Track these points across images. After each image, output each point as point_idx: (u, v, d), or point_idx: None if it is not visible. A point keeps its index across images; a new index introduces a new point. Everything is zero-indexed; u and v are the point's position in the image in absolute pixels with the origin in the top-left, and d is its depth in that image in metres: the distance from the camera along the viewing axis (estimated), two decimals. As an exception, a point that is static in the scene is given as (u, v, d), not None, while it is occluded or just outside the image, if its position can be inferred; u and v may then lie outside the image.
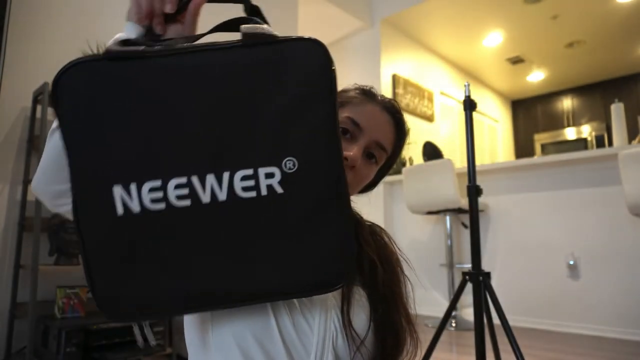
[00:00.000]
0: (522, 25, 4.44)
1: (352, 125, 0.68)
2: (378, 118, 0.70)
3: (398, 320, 0.66)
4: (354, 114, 0.69)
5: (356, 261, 0.64)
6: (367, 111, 0.70)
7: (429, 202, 3.03)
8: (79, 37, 2.18)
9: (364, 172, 0.70)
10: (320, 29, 4.26)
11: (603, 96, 5.82)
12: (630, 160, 2.19)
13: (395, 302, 0.67)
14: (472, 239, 1.51)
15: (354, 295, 0.64)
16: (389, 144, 0.72)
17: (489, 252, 3.23)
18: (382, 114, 0.71)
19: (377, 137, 0.69)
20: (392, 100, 0.74)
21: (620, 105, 3.10)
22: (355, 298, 0.64)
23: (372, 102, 0.71)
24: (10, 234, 1.91)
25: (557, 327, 2.88)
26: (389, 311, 0.66)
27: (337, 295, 0.63)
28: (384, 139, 0.71)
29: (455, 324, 2.95)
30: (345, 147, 0.65)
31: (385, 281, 0.67)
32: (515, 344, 1.33)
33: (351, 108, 0.70)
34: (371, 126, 0.69)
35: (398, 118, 0.73)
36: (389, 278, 0.69)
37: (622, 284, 2.67)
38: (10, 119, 1.95)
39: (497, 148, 6.09)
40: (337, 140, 0.50)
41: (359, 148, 0.67)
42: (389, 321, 0.65)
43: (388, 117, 0.72)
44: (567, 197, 2.94)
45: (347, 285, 0.64)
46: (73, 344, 1.61)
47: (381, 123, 0.71)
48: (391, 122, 0.72)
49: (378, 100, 0.72)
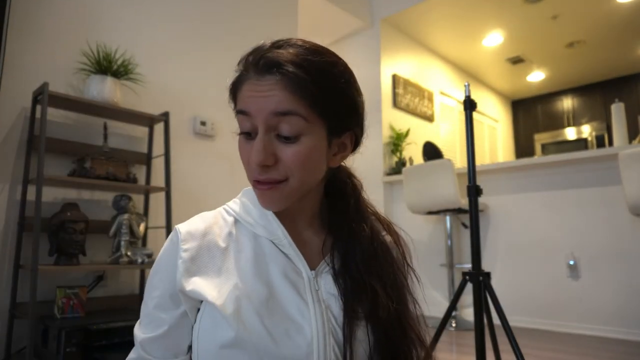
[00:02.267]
0: (522, 25, 4.44)
1: (246, 120, 0.57)
2: (259, 90, 0.55)
3: (407, 346, 0.62)
4: (239, 104, 0.58)
5: (356, 293, 0.61)
6: (246, 89, 0.57)
7: (429, 202, 3.03)
8: (79, 37, 2.18)
9: (291, 158, 0.56)
10: (320, 29, 4.26)
11: (603, 96, 5.82)
12: (630, 160, 2.19)
13: (403, 329, 0.62)
14: (472, 239, 1.51)
15: (355, 333, 0.59)
16: (294, 101, 0.55)
17: (489, 252, 3.23)
18: (260, 82, 0.55)
19: (270, 109, 0.55)
20: (264, 52, 0.57)
21: (620, 105, 3.10)
22: (357, 335, 0.59)
23: (248, 72, 0.57)
24: (10, 234, 1.91)
25: (557, 327, 2.88)
26: (394, 341, 0.60)
27: (332, 304, 0.60)
28: (280, 103, 0.54)
29: (455, 324, 2.95)
30: (251, 151, 0.57)
31: (392, 312, 0.61)
32: (515, 344, 1.33)
33: (238, 95, 0.59)
34: (257, 104, 0.55)
35: (284, 70, 0.55)
36: (394, 303, 0.62)
37: (622, 284, 2.67)
38: (10, 119, 1.95)
39: (497, 148, 6.08)
40: None
41: (258, 141, 0.56)
42: (394, 352, 0.60)
43: (271, 78, 0.55)
44: (568, 197, 2.94)
45: (348, 323, 0.59)
46: (73, 344, 1.61)
47: (266, 92, 0.55)
48: (279, 81, 0.55)
49: (250, 67, 0.57)
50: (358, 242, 0.64)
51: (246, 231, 0.64)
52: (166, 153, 2.24)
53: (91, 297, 2.03)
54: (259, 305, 0.57)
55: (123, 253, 1.98)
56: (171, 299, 0.60)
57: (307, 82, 0.55)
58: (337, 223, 0.66)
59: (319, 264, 0.64)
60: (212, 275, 0.59)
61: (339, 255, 0.64)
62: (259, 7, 3.12)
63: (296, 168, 0.57)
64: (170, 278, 0.60)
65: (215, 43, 2.80)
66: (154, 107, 2.37)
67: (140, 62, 2.34)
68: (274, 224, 0.63)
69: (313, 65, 0.56)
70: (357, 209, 0.68)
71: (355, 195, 0.69)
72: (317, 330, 0.57)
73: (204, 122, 2.66)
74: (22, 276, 1.88)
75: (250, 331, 0.54)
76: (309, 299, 0.59)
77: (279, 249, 0.63)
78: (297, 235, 0.65)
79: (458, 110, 5.22)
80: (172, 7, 2.61)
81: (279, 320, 0.57)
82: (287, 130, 0.56)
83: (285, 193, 0.59)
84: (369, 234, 0.65)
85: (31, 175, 1.91)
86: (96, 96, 2.02)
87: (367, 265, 0.63)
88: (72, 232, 1.84)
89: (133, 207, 2.09)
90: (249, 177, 0.60)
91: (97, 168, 1.98)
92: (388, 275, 0.64)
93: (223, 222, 0.65)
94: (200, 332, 0.58)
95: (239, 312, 0.55)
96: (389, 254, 0.67)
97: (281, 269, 0.61)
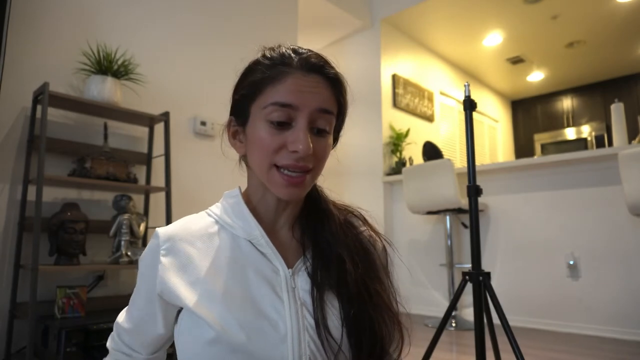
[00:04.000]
0: (522, 25, 4.44)
1: (283, 111, 0.60)
2: (306, 86, 0.61)
3: (377, 319, 0.62)
4: (278, 96, 0.60)
5: (324, 260, 0.64)
6: (291, 84, 0.60)
7: (429, 202, 3.03)
8: (79, 37, 2.18)
9: (322, 151, 0.63)
10: (320, 29, 4.26)
11: (603, 96, 5.82)
12: (630, 160, 2.19)
13: (372, 300, 0.63)
14: (472, 239, 1.51)
15: (325, 300, 0.62)
16: (332, 103, 0.63)
17: (489, 252, 3.23)
18: (307, 78, 0.61)
19: (316, 105, 0.61)
20: (309, 54, 0.63)
21: (620, 105, 3.10)
22: (327, 301, 0.62)
23: (291, 69, 0.61)
24: (10, 234, 1.91)
25: (557, 327, 2.88)
26: (363, 311, 0.61)
27: (308, 301, 0.62)
28: (324, 102, 0.61)
29: (455, 324, 2.95)
30: (288, 138, 0.60)
31: (358, 278, 0.63)
32: (515, 344, 1.33)
33: (272, 89, 0.61)
34: (304, 99, 0.60)
35: (326, 71, 0.63)
36: (362, 274, 0.64)
37: (622, 284, 2.67)
38: (10, 119, 1.95)
39: (497, 148, 6.09)
40: None
41: (304, 132, 0.59)
42: (363, 322, 0.61)
43: (316, 77, 0.62)
44: (567, 197, 2.94)
45: (318, 289, 0.62)
46: (73, 344, 1.61)
47: (312, 89, 0.61)
48: (322, 81, 0.62)
49: (295, 63, 0.62)
50: (327, 220, 0.69)
51: (226, 233, 0.67)
52: (166, 153, 2.24)
53: (91, 297, 2.03)
54: (234, 304, 0.59)
55: (123, 253, 1.98)
56: (148, 299, 0.66)
57: (341, 86, 0.65)
58: (311, 212, 0.71)
59: (296, 262, 0.66)
60: (190, 278, 0.62)
61: (310, 239, 0.68)
62: (259, 8, 3.12)
63: (321, 160, 0.64)
64: (150, 281, 0.65)
65: (215, 43, 2.80)
66: (154, 107, 2.37)
67: (140, 62, 2.34)
68: (252, 224, 0.66)
69: (340, 74, 0.66)
70: (323, 198, 0.74)
71: (321, 192, 0.75)
72: (291, 326, 0.59)
73: (204, 122, 2.66)
74: (22, 276, 1.88)
75: (226, 330, 0.57)
76: (285, 297, 0.61)
77: (257, 249, 0.65)
78: (275, 235, 0.68)
79: (458, 110, 5.22)
80: (172, 7, 2.61)
81: (252, 318, 0.58)
82: (324, 125, 0.63)
83: (308, 182, 0.63)
84: (335, 213, 0.70)
85: (31, 175, 1.91)
86: (96, 96, 2.02)
87: (335, 236, 0.66)
88: (72, 232, 1.84)
89: (133, 207, 2.09)
90: (274, 162, 0.61)
91: (97, 168, 1.98)
92: (355, 245, 0.68)
93: (204, 225, 0.68)
94: (182, 332, 0.62)
95: (215, 312, 0.58)
96: (358, 225, 0.73)
97: (257, 268, 0.63)
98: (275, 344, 0.57)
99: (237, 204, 0.68)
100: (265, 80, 0.62)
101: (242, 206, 0.67)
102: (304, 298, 0.62)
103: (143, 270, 0.66)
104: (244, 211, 0.67)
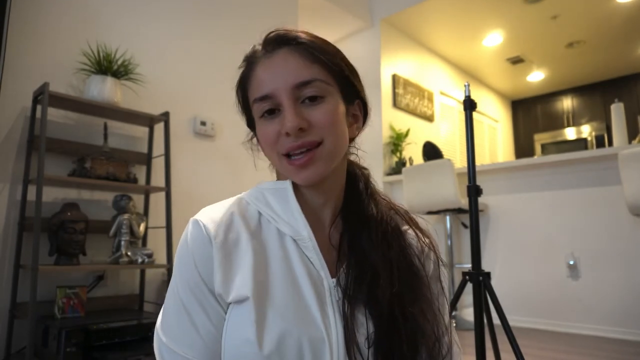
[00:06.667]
0: (522, 25, 4.44)
1: (265, 103, 0.58)
2: (274, 66, 0.58)
3: (410, 344, 0.55)
4: (254, 91, 0.60)
5: (357, 271, 0.58)
6: (260, 73, 0.59)
7: (429, 202, 3.03)
8: (79, 37, 2.18)
9: (322, 117, 0.57)
10: (320, 29, 4.26)
11: (603, 96, 5.82)
12: (630, 160, 2.19)
13: (408, 323, 0.56)
14: (472, 239, 1.51)
15: (356, 315, 0.56)
16: (311, 70, 0.58)
17: (489, 252, 3.23)
18: (273, 58, 0.59)
19: (292, 82, 0.57)
20: (270, 33, 0.61)
21: (620, 105, 3.10)
22: (357, 317, 0.56)
23: (256, 58, 0.61)
24: (10, 234, 1.90)
25: (557, 327, 2.88)
26: (393, 334, 0.54)
27: (338, 315, 0.56)
28: (299, 75, 0.57)
29: (455, 324, 2.95)
30: (280, 125, 0.57)
31: (393, 298, 0.56)
32: (515, 344, 1.33)
33: (250, 87, 0.61)
34: (275, 82, 0.57)
35: (290, 40, 0.59)
36: (398, 293, 0.56)
37: (622, 284, 2.67)
38: (10, 119, 1.95)
39: (497, 148, 6.09)
40: None
41: (288, 111, 0.56)
42: (392, 346, 0.54)
43: (283, 52, 0.59)
44: (567, 197, 2.94)
45: (349, 304, 0.55)
46: (73, 344, 1.61)
47: (281, 68, 0.58)
48: (290, 52, 0.58)
49: (259, 51, 0.61)
50: (367, 224, 0.62)
51: (270, 227, 0.61)
52: (166, 153, 2.24)
53: (91, 297, 2.03)
54: (287, 311, 0.54)
55: (123, 253, 1.98)
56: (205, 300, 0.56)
57: (319, 48, 0.59)
58: (351, 209, 0.64)
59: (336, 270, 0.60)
60: (244, 273, 0.55)
61: (349, 242, 0.61)
62: (259, 8, 3.12)
63: (328, 128, 0.57)
64: (204, 276, 0.56)
65: (215, 43, 2.80)
66: (154, 107, 2.37)
67: (140, 62, 2.34)
68: (300, 221, 0.59)
69: (318, 38, 0.61)
70: (367, 193, 0.67)
71: (365, 181, 0.69)
72: (337, 345, 0.53)
73: (204, 122, 2.66)
74: (22, 276, 1.88)
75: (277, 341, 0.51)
76: (330, 311, 0.56)
77: (303, 251, 0.59)
78: (321, 236, 0.61)
79: (458, 110, 5.22)
80: (172, 7, 2.61)
81: (304, 330, 0.53)
82: (313, 92, 0.57)
83: (324, 156, 0.58)
84: (379, 217, 0.63)
85: (31, 175, 1.91)
86: (96, 96, 2.02)
87: (373, 244, 0.60)
88: (72, 232, 1.84)
89: (133, 207, 2.09)
90: (280, 152, 0.59)
91: (97, 168, 1.98)
92: (398, 259, 0.60)
93: (248, 215, 0.62)
94: (229, 330, 0.55)
95: (266, 316, 0.53)
96: (402, 239, 0.64)
97: (305, 273, 0.57)
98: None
99: (285, 198, 0.61)
100: (243, 81, 0.63)
101: (291, 200, 0.61)
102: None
103: (191, 267, 0.57)
104: (293, 206, 0.60)
